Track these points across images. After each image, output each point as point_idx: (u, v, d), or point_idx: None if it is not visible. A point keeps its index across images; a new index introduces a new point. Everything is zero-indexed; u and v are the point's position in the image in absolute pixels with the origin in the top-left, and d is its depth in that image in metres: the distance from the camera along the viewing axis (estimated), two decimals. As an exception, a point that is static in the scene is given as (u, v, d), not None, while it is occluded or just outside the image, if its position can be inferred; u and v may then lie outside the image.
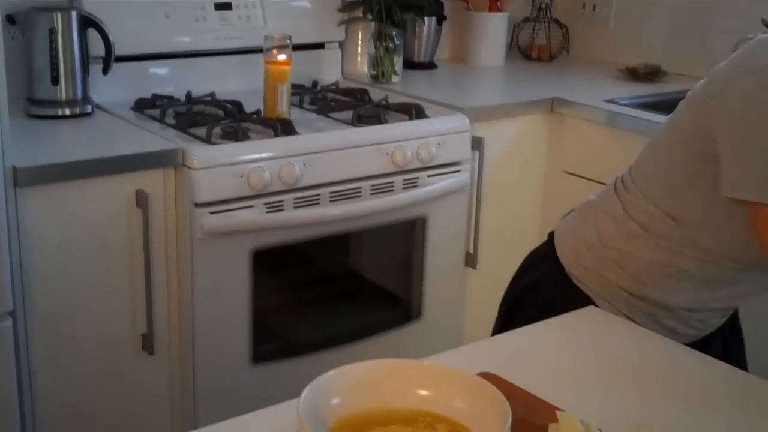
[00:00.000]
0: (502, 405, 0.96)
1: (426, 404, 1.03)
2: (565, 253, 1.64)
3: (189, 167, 2.06)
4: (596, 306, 1.51)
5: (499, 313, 1.75)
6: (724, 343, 1.67)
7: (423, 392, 1.04)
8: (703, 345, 1.56)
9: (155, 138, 2.18)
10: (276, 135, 2.22)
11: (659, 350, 1.35)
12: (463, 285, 2.69)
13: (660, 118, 2.29)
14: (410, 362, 1.06)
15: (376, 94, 2.65)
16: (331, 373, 1.01)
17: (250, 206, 2.13)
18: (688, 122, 1.46)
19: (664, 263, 1.51)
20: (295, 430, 0.93)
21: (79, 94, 2.30)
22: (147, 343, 2.13)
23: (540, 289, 1.66)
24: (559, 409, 1.04)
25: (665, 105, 2.27)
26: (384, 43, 2.84)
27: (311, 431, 0.89)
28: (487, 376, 1.12)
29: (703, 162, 1.41)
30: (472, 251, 2.66)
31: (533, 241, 1.79)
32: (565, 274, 1.62)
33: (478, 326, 2.70)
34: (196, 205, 2.07)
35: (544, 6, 3.41)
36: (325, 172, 2.25)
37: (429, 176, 2.44)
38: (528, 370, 1.22)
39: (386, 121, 2.42)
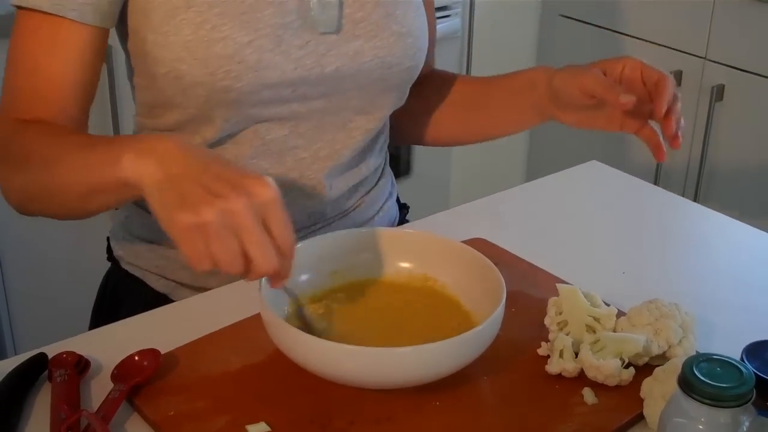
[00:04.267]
0: (494, 277, 0.84)
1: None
2: None
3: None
4: None
5: None
6: None
7: (404, 265, 0.91)
8: None
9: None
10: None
11: (668, 206, 1.23)
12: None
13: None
14: (388, 230, 0.93)
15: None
16: (297, 246, 0.88)
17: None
18: None
19: None
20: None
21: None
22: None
23: None
24: (559, 281, 0.92)
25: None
26: None
27: (275, 313, 0.77)
28: (476, 242, 0.99)
29: None
30: (463, 100, 2.54)
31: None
32: None
33: (466, 183, 2.60)
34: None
35: None
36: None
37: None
38: (523, 234, 1.09)
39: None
